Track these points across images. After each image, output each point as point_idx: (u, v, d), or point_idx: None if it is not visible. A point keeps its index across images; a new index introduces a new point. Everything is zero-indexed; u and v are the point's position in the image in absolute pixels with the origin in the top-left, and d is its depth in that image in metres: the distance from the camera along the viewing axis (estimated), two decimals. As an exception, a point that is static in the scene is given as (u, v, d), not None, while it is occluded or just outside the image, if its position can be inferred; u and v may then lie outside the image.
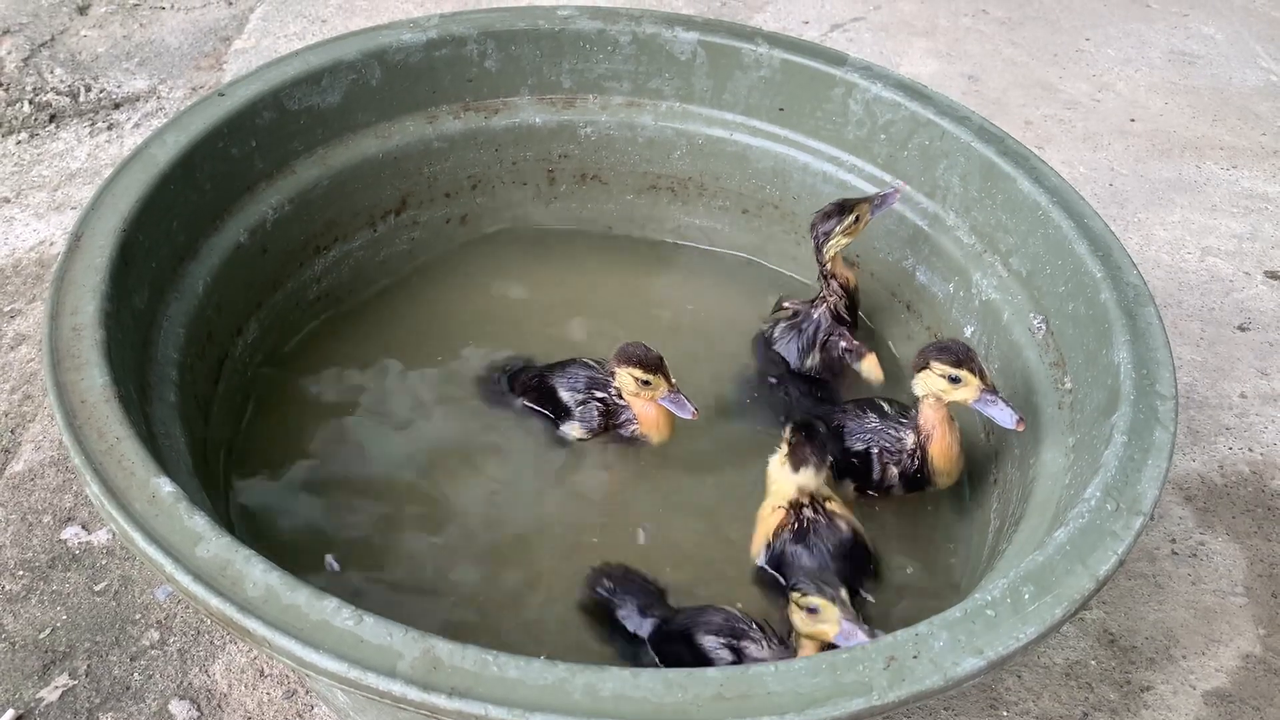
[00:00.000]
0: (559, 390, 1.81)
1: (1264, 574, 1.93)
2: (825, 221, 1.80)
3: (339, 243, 1.99)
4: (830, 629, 1.38)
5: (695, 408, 1.71)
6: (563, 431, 1.81)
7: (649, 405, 1.75)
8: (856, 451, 1.73)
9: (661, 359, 1.69)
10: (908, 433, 1.69)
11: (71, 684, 1.63)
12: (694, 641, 1.47)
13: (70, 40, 3.12)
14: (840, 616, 1.37)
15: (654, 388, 1.70)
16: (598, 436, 1.81)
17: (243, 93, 1.75)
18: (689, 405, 1.70)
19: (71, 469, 1.92)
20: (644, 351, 1.70)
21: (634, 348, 1.70)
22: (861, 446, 1.72)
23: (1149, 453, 1.33)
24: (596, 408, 1.78)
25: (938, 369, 1.58)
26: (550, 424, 1.83)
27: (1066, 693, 1.72)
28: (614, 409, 1.78)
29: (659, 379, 1.69)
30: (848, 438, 1.74)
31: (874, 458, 1.71)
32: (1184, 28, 3.58)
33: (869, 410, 1.75)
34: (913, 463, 1.69)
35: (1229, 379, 2.31)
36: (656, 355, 1.69)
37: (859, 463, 1.73)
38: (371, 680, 1.03)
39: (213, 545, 1.13)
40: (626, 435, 1.80)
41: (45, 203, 2.53)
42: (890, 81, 1.92)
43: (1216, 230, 2.71)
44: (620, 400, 1.77)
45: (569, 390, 1.80)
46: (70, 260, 1.43)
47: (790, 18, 3.43)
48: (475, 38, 1.95)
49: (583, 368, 1.82)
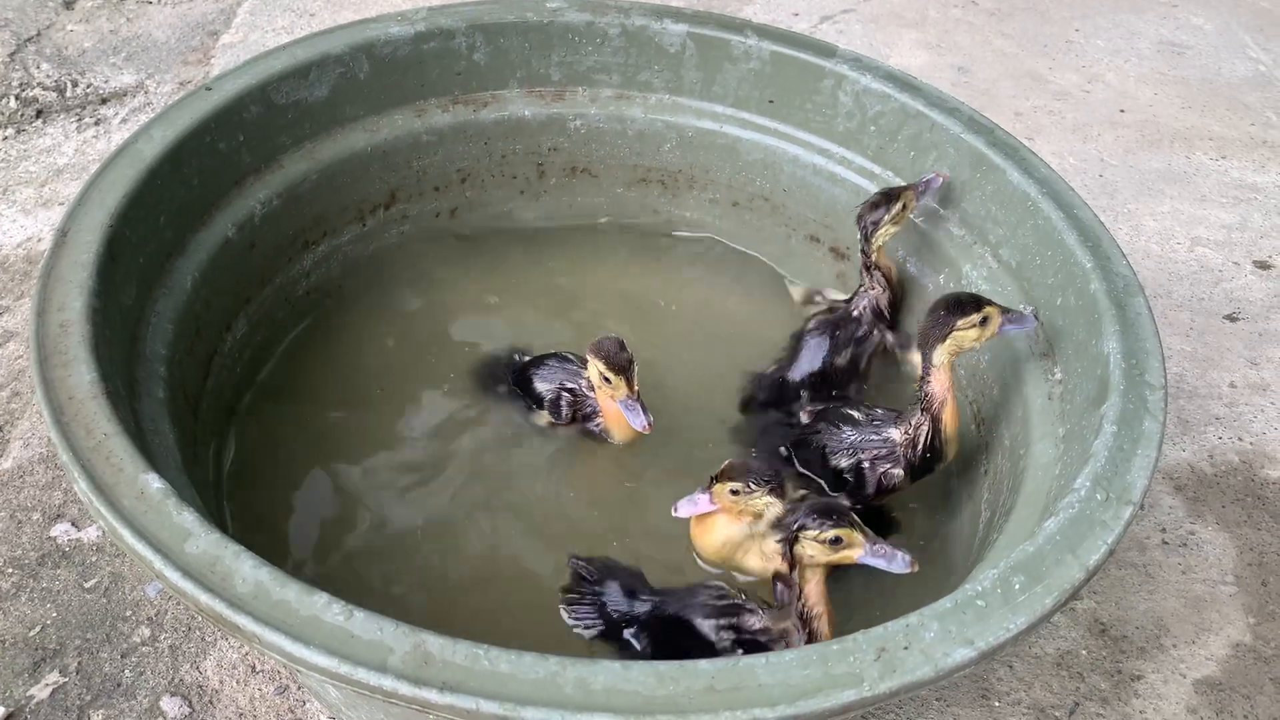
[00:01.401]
0: (535, 381, 1.84)
1: (1254, 563, 1.94)
2: (873, 211, 1.79)
3: (328, 237, 1.99)
4: (855, 552, 1.40)
5: (650, 421, 1.67)
6: (533, 419, 1.83)
7: (611, 403, 1.73)
8: (845, 467, 1.70)
9: (630, 362, 1.66)
10: (894, 429, 1.67)
11: (62, 681, 1.63)
12: (692, 627, 1.47)
13: (57, 35, 3.10)
14: (863, 539, 1.40)
15: (614, 388, 1.68)
16: (567, 426, 1.82)
17: (230, 87, 1.74)
18: (643, 417, 1.67)
19: (60, 466, 1.91)
20: (615, 350, 1.67)
21: (608, 343, 1.68)
22: (849, 461, 1.70)
23: (1138, 443, 1.33)
24: (566, 399, 1.80)
25: (965, 324, 1.54)
26: (526, 411, 1.86)
27: (1058, 682, 1.73)
28: (581, 401, 1.79)
29: (620, 381, 1.66)
30: (831, 456, 1.71)
31: (865, 470, 1.69)
32: (1173, 18, 3.58)
33: (842, 424, 1.72)
34: (914, 452, 1.65)
35: (1218, 369, 2.31)
36: (627, 357, 1.67)
37: (852, 478, 1.70)
38: (362, 675, 1.03)
39: (202, 541, 1.13)
40: (593, 429, 1.81)
41: (32, 199, 2.52)
42: (880, 73, 1.92)
43: (1206, 220, 2.72)
44: (590, 392, 1.78)
45: (544, 382, 1.82)
46: (57, 256, 1.42)
47: (780, 10, 3.43)
48: (463, 31, 1.95)
49: (560, 361, 1.83)
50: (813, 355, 1.89)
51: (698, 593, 1.52)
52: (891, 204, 1.78)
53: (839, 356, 1.88)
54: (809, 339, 1.91)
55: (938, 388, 1.61)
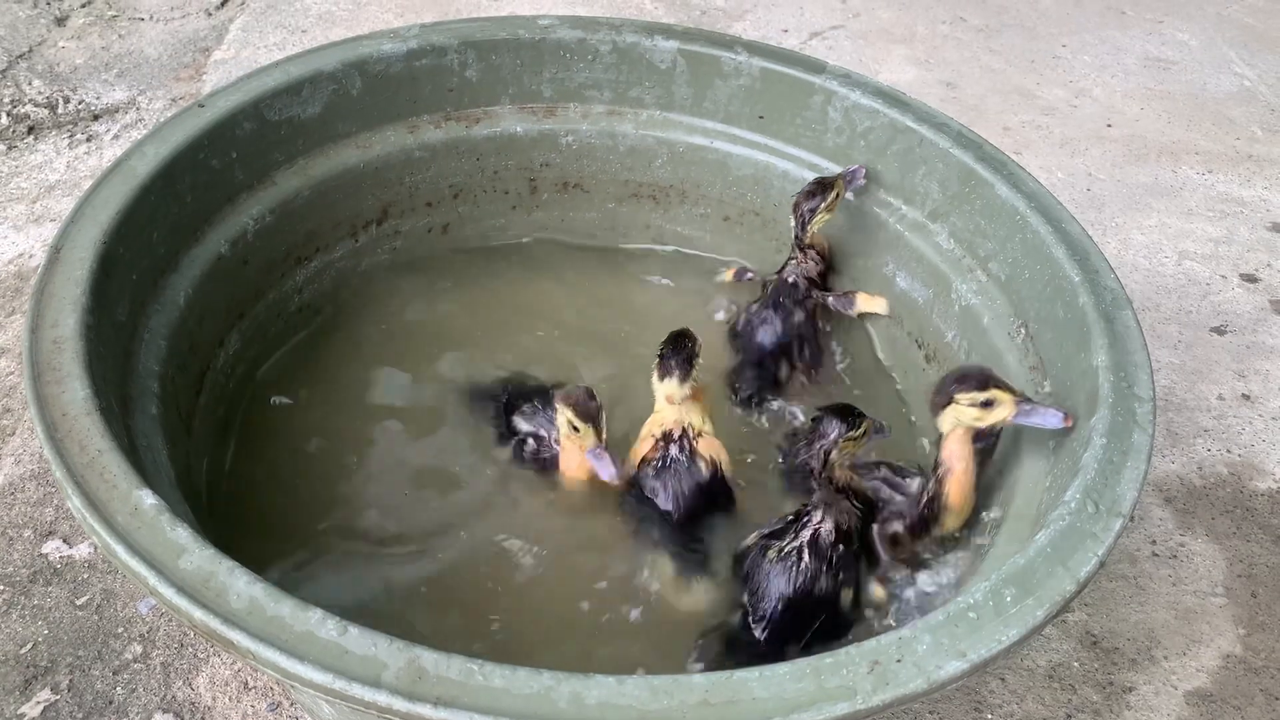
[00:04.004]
0: (513, 416, 1.81)
1: (1243, 574, 1.95)
2: (810, 200, 1.90)
3: (320, 253, 1.99)
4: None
5: (617, 472, 1.63)
6: (495, 451, 1.81)
7: (576, 452, 1.70)
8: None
9: (599, 411, 1.63)
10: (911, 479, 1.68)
11: (54, 699, 1.62)
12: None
13: (48, 51, 3.11)
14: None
15: (582, 436, 1.64)
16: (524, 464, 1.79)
17: (223, 104, 1.75)
18: (611, 468, 1.63)
19: (53, 482, 1.91)
20: (584, 399, 1.63)
21: (578, 392, 1.64)
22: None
23: (1128, 455, 1.34)
24: (529, 445, 1.77)
25: (965, 399, 1.53)
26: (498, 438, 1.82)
27: (1050, 694, 1.73)
28: (543, 446, 1.76)
29: (588, 430, 1.63)
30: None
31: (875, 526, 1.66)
32: (1159, 34, 3.62)
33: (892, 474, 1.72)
34: (916, 509, 1.62)
35: (1206, 381, 2.33)
36: (596, 406, 1.63)
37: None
38: (357, 691, 1.03)
39: (196, 557, 1.13)
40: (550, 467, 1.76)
41: (24, 215, 2.52)
42: (869, 89, 1.93)
43: (1193, 234, 2.74)
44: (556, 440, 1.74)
45: (519, 417, 1.80)
46: (50, 273, 1.42)
47: (769, 26, 3.45)
48: (456, 47, 1.96)
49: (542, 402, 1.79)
50: (772, 327, 1.96)
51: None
52: (826, 192, 1.90)
53: (795, 316, 1.96)
54: (758, 317, 1.98)
55: (944, 454, 1.59)
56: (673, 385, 1.65)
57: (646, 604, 1.63)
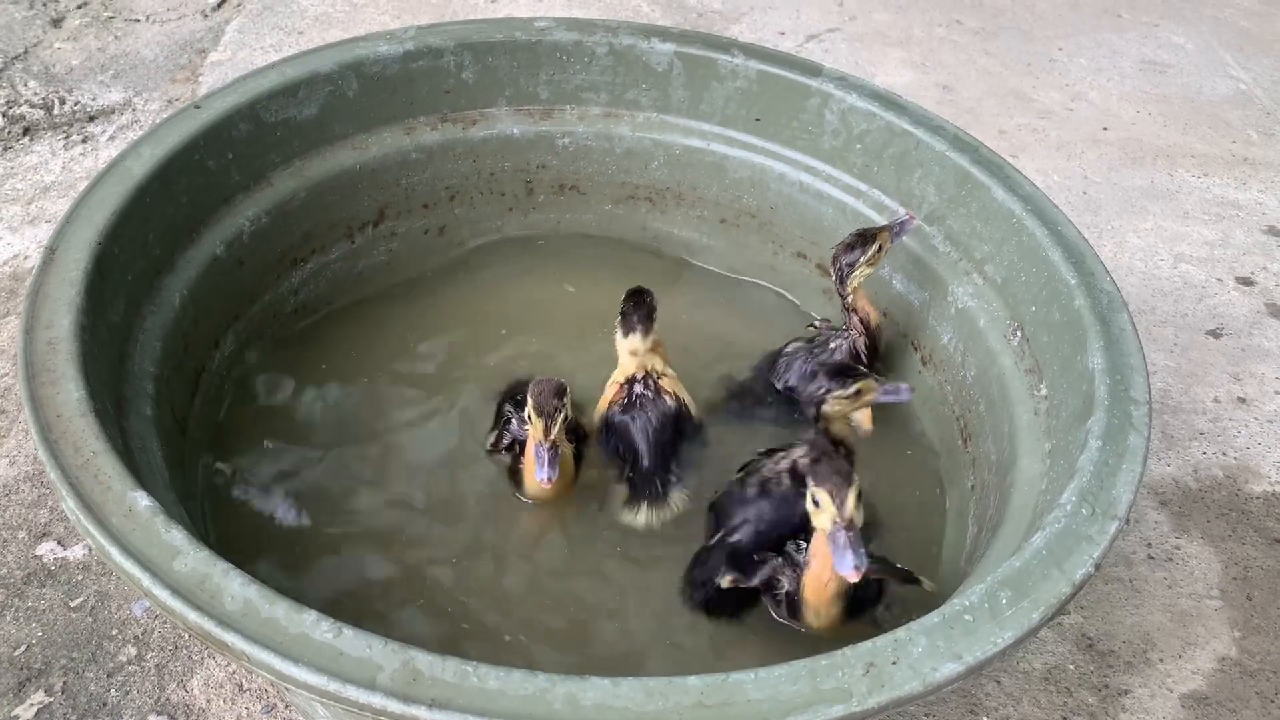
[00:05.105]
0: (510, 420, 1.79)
1: (1239, 577, 1.95)
2: (848, 253, 1.78)
3: (316, 255, 1.99)
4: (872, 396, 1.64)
5: (551, 476, 1.58)
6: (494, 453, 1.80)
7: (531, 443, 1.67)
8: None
9: (556, 411, 1.58)
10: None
11: (48, 701, 1.62)
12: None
13: (44, 53, 3.10)
14: (875, 385, 1.63)
15: (533, 428, 1.60)
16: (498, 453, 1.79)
17: (219, 105, 1.74)
18: (545, 469, 1.58)
19: (47, 484, 1.91)
20: (544, 393, 1.60)
21: (542, 384, 1.61)
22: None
23: (1123, 458, 1.34)
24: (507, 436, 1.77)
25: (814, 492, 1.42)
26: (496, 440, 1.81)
27: (1045, 697, 1.73)
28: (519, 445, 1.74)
29: (539, 424, 1.58)
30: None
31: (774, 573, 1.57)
32: (1154, 37, 3.62)
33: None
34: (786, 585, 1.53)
35: (1202, 384, 2.33)
36: (553, 405, 1.59)
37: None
38: (351, 693, 1.03)
39: (190, 559, 1.13)
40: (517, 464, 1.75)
41: (19, 216, 2.51)
42: (865, 92, 1.93)
43: (1189, 237, 2.74)
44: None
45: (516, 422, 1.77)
46: (45, 274, 1.42)
47: (766, 29, 3.45)
48: (452, 49, 1.96)
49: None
50: (787, 370, 1.92)
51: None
52: (867, 245, 1.76)
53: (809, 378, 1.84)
54: (785, 357, 1.94)
55: (813, 548, 1.49)
56: (636, 340, 1.74)
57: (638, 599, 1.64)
